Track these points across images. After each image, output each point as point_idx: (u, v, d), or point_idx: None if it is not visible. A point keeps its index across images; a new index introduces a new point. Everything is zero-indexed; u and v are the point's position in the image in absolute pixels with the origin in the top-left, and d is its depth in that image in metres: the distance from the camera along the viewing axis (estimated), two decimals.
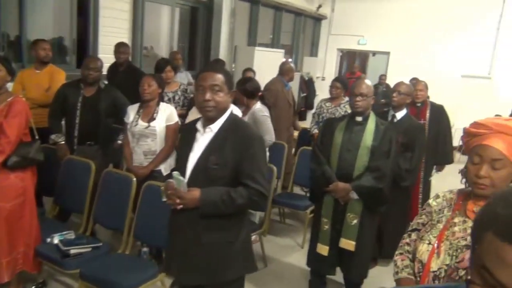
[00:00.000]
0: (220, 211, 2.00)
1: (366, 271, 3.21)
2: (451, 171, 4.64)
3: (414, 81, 7.20)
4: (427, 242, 1.64)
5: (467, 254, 1.49)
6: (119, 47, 4.92)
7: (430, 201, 1.75)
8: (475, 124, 1.62)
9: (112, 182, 3.28)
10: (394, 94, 3.79)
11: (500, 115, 8.81)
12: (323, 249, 3.09)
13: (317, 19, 11.31)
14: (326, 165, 3.03)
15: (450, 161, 4.67)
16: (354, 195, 2.95)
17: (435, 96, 4.70)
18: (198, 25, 7.53)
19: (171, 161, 3.50)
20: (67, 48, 5.83)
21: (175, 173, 2.04)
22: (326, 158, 3.05)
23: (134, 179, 3.18)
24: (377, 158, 2.92)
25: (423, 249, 1.63)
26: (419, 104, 4.53)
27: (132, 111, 3.55)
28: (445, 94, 8.73)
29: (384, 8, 10.29)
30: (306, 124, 8.45)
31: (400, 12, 10.13)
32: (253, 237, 3.70)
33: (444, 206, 1.69)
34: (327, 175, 2.99)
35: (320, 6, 10.74)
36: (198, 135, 2.12)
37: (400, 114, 3.80)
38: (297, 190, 4.92)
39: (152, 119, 3.45)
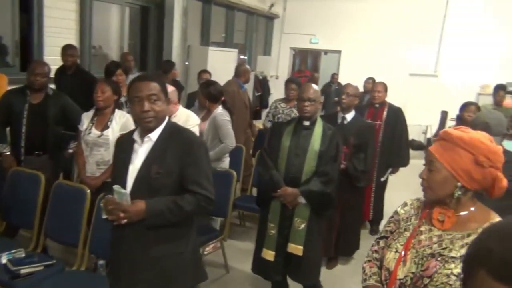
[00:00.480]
0: (168, 221, 1.96)
1: (315, 276, 3.20)
2: (410, 173, 4.77)
3: (370, 80, 7.39)
4: (394, 250, 1.64)
5: (431, 262, 1.51)
6: (67, 50, 4.69)
7: (398, 209, 1.76)
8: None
9: (64, 194, 3.11)
10: (344, 96, 3.80)
11: (446, 111, 9.22)
12: (269, 254, 3.04)
13: (270, 18, 11.34)
14: (274, 169, 3.00)
15: (404, 163, 4.70)
16: (302, 200, 2.94)
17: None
18: (149, 25, 7.31)
19: None
20: (9, 50, 5.48)
21: (116, 186, 1.97)
22: (274, 162, 3.02)
23: (88, 191, 3.03)
24: (325, 162, 2.93)
25: (390, 257, 1.64)
26: (377, 105, 4.60)
27: (86, 119, 3.39)
28: (394, 92, 8.99)
29: (335, 8, 10.46)
30: (260, 122, 8.48)
31: (351, 12, 10.35)
32: (212, 245, 3.64)
33: (411, 214, 1.70)
34: (275, 180, 2.96)
35: (272, 5, 10.76)
36: (136, 146, 2.06)
37: (350, 116, 3.81)
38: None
39: (105, 127, 3.29)
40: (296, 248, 2.97)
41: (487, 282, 0.69)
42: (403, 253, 1.60)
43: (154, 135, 2.03)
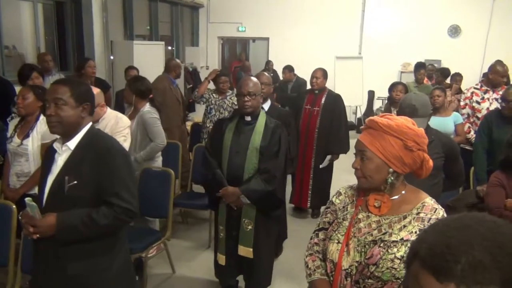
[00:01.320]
0: (82, 236, 1.85)
1: (267, 279, 3.12)
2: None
3: (287, 70, 7.50)
4: (336, 241, 1.66)
5: (375, 250, 1.54)
6: None
7: (333, 199, 1.78)
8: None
9: None
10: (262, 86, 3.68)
11: (373, 91, 9.61)
12: (221, 259, 2.96)
13: (194, 7, 11.11)
14: (216, 168, 2.88)
15: (344, 150, 4.65)
16: (245, 200, 2.82)
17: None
18: (66, 22, 6.88)
19: None
20: None
21: (27, 199, 1.85)
22: (217, 161, 2.90)
23: (14, 206, 2.80)
24: (266, 159, 2.81)
25: (333, 249, 1.65)
26: (316, 92, 4.60)
27: (11, 125, 3.16)
28: None
29: None
30: (195, 115, 8.36)
31: None
32: (156, 247, 3.54)
33: (347, 203, 1.72)
34: (217, 180, 2.85)
35: None
36: (56, 155, 1.96)
37: (266, 106, 3.72)
38: (197, 188, 4.81)
39: (26, 136, 3.04)
40: (246, 251, 2.88)
41: (419, 274, 0.71)
42: (345, 243, 1.63)
43: (72, 143, 1.93)
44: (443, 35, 9.72)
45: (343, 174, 4.54)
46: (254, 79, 2.93)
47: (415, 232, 1.52)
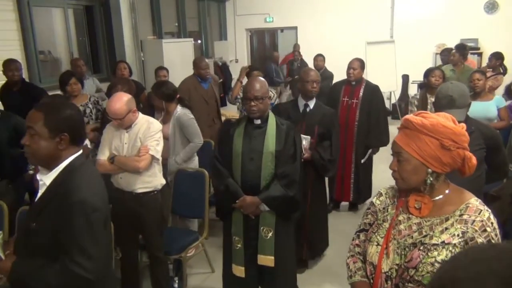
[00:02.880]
0: None
1: (292, 286, 3.01)
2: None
3: (321, 57, 7.32)
4: (375, 243, 1.62)
5: (414, 253, 1.49)
6: (9, 65, 4.44)
7: (374, 199, 1.74)
8: None
9: None
10: (314, 85, 3.49)
11: (407, 75, 9.32)
12: (239, 270, 2.77)
13: (221, 1, 11.09)
14: (229, 177, 2.70)
15: (384, 143, 4.51)
16: (265, 207, 2.68)
17: (343, 66, 4.65)
18: (96, 25, 7.01)
19: None
20: None
21: None
22: (228, 169, 2.72)
23: None
24: (283, 163, 2.66)
25: (373, 251, 1.62)
26: (353, 83, 4.46)
27: None
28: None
29: None
30: (228, 110, 8.37)
31: None
32: (194, 247, 3.57)
33: (387, 204, 1.68)
34: (231, 190, 2.67)
35: None
36: (39, 187, 1.75)
37: (312, 103, 3.56)
38: None
39: None
40: (267, 259, 2.72)
41: None
42: (384, 245, 1.59)
43: (48, 178, 1.71)
44: (479, 12, 9.26)
45: (381, 164, 4.44)
46: (261, 80, 2.75)
47: (458, 235, 1.45)
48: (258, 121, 2.71)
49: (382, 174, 3.59)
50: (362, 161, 4.59)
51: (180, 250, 3.34)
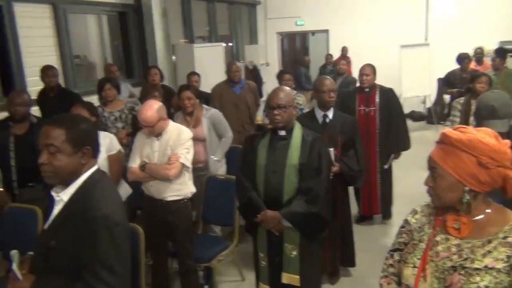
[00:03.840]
0: None
1: None
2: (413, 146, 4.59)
3: (344, 61, 7.19)
4: (411, 265, 1.54)
5: (454, 277, 1.41)
6: (47, 71, 4.56)
7: (409, 218, 1.65)
8: None
9: None
10: (332, 94, 3.34)
11: (442, 78, 9.07)
12: None
13: (252, 5, 11.12)
14: (251, 191, 2.62)
15: (406, 147, 4.44)
16: (287, 223, 2.57)
17: (378, 69, 4.51)
18: (129, 31, 7.14)
19: (119, 192, 3.24)
20: None
21: (14, 252, 1.70)
22: (252, 182, 2.64)
23: None
24: (307, 177, 2.53)
25: (408, 273, 1.54)
26: (367, 90, 4.35)
27: None
28: (387, 66, 8.87)
29: None
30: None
31: None
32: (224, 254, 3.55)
33: (424, 222, 1.60)
34: (254, 203, 2.60)
35: None
36: (55, 203, 1.69)
37: (331, 113, 3.42)
38: None
39: None
40: (291, 278, 2.62)
41: None
42: (421, 268, 1.51)
43: (66, 194, 1.65)
44: None
45: (416, 170, 4.29)
46: (286, 89, 2.68)
47: (502, 259, 1.36)
48: (283, 132, 2.61)
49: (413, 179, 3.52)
50: (385, 166, 4.48)
51: (210, 258, 3.33)
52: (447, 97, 8.82)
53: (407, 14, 9.61)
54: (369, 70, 4.34)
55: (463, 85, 6.17)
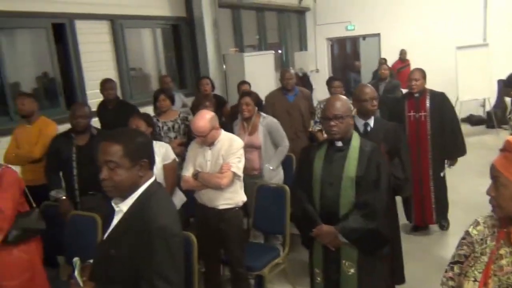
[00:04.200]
0: None
1: None
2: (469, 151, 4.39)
3: (386, 66, 6.92)
4: (472, 279, 1.48)
5: None
6: (105, 84, 4.78)
7: (470, 229, 1.58)
8: None
9: None
10: (374, 102, 3.16)
11: (504, 80, 8.63)
12: None
13: (301, 12, 11.13)
14: (306, 203, 2.53)
15: (462, 152, 4.28)
16: (344, 239, 2.45)
17: (433, 72, 4.38)
18: (182, 42, 7.36)
19: (175, 201, 3.32)
20: (54, 91, 5.67)
21: (75, 259, 1.81)
22: (308, 194, 2.54)
23: None
24: (365, 191, 2.41)
25: (470, 287, 1.47)
26: (416, 95, 4.23)
27: None
28: (443, 69, 8.57)
29: None
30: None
31: None
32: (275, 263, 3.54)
33: (486, 234, 1.52)
34: (309, 216, 2.50)
35: None
36: (115, 213, 1.75)
37: (371, 121, 3.23)
38: None
39: None
40: None
41: None
42: (483, 282, 1.44)
43: (125, 205, 1.71)
44: None
45: (473, 177, 4.11)
46: (343, 98, 2.55)
47: None
48: (340, 143, 2.50)
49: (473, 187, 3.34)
50: (442, 174, 4.33)
51: (262, 266, 3.33)
52: (508, 100, 8.36)
53: (463, 13, 9.22)
54: (418, 74, 4.22)
55: None
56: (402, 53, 9.39)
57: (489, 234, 1.51)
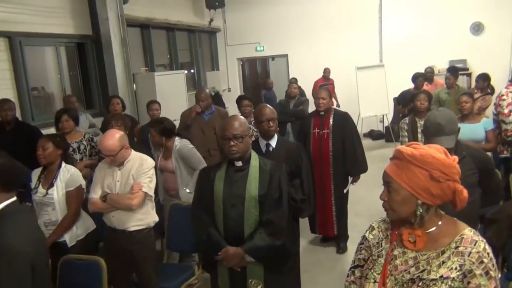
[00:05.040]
0: None
1: None
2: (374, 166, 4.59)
3: (295, 84, 7.26)
4: (372, 280, 1.58)
5: None
6: (3, 105, 4.43)
7: (366, 234, 1.70)
8: None
9: None
10: (271, 123, 3.21)
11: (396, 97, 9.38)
12: None
13: (211, 32, 11.27)
14: (210, 227, 2.46)
15: (363, 169, 4.41)
16: (251, 259, 2.44)
17: (336, 90, 4.62)
18: (88, 61, 7.06)
19: (77, 230, 3.16)
20: None
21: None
22: (210, 217, 2.49)
23: None
24: (268, 209, 2.42)
25: None
26: (322, 113, 4.34)
27: (35, 176, 3.19)
28: (345, 87, 9.17)
29: (275, 13, 10.54)
30: None
31: (291, 16, 10.45)
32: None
33: (381, 238, 1.64)
34: (213, 240, 2.44)
35: (211, 20, 10.69)
36: None
37: (274, 141, 3.28)
38: None
39: (51, 185, 3.08)
40: None
41: None
42: (381, 282, 1.55)
43: None
44: (466, 33, 9.44)
45: (377, 188, 4.32)
46: (241, 118, 2.54)
47: (456, 268, 1.43)
48: (239, 163, 2.48)
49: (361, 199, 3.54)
50: (345, 190, 4.45)
51: (176, 287, 3.26)
52: (401, 121, 9.13)
53: (362, 36, 9.95)
54: (325, 94, 4.35)
55: None
56: (326, 71, 9.50)
57: (383, 237, 1.63)
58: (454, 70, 6.56)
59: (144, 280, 3.08)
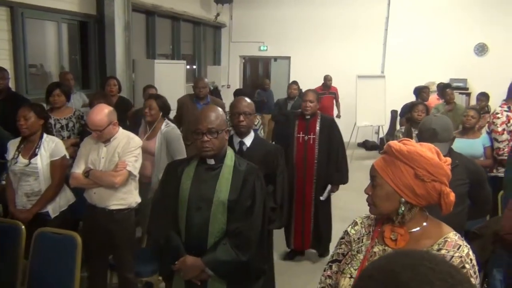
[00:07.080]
0: None
1: None
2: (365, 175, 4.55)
3: (295, 86, 7.22)
4: (348, 275, 1.54)
5: None
6: None
7: (349, 229, 1.66)
8: None
9: None
10: (242, 117, 2.84)
11: (396, 111, 9.40)
12: None
13: (217, 27, 11.23)
14: (171, 230, 2.14)
15: (344, 180, 4.18)
16: (211, 272, 2.11)
17: None
18: (89, 41, 6.99)
19: (60, 201, 3.11)
20: None
21: None
22: (173, 218, 2.16)
23: (23, 226, 2.78)
24: (237, 217, 2.10)
25: (345, 284, 1.53)
26: (308, 117, 4.06)
27: (12, 147, 3.10)
28: (344, 94, 9.13)
29: (282, 15, 10.51)
30: None
31: (298, 18, 10.42)
32: None
33: (363, 234, 1.60)
34: (173, 246, 2.12)
35: (218, 15, 10.65)
36: None
37: (248, 140, 2.92)
38: None
39: (33, 155, 3.01)
40: None
41: None
42: (357, 278, 1.51)
43: None
44: (469, 54, 9.46)
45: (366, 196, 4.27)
46: (218, 110, 2.19)
47: None
48: (212, 161, 2.16)
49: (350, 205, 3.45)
50: (322, 198, 4.16)
51: (152, 273, 3.20)
52: (396, 130, 9.13)
53: (366, 46, 9.96)
54: (313, 96, 4.04)
55: None
56: (327, 79, 8.63)
57: (365, 233, 1.59)
58: (448, 87, 6.67)
59: (120, 262, 3.03)
